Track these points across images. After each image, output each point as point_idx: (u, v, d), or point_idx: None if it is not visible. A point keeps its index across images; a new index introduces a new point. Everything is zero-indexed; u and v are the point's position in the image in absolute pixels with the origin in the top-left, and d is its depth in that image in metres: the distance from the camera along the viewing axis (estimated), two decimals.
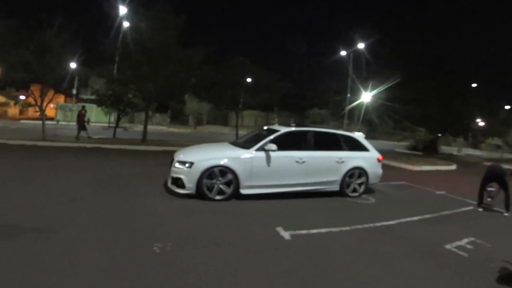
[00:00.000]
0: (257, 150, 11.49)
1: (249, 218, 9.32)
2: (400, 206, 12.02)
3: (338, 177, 12.79)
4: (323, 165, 12.44)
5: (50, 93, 32.94)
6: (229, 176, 10.97)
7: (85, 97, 61.81)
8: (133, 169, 15.90)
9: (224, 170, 10.93)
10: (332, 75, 44.87)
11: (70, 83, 40.48)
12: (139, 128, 37.10)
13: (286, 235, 7.89)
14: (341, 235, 8.32)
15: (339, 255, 7.12)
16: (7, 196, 9.53)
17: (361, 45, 47.53)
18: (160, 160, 19.38)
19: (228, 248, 7.09)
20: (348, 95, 51.11)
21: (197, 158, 11.04)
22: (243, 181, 11.10)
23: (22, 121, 51.91)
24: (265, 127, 14.36)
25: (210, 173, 10.82)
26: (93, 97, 42.60)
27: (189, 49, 26.92)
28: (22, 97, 56.82)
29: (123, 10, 39.38)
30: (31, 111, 64.92)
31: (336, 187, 12.87)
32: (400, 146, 41.76)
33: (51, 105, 37.23)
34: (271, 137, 11.98)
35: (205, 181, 10.75)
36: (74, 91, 49.55)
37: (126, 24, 36.36)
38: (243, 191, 11.18)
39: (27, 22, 27.71)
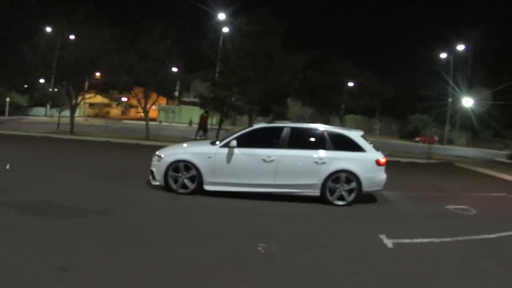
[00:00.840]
0: (222, 146, 10.91)
1: (355, 223, 9.19)
2: (501, 219, 10.90)
3: (317, 180, 10.75)
4: (296, 166, 10.92)
5: (153, 95, 33.96)
6: (193, 171, 10.75)
7: (187, 99, 63.59)
8: None
9: (188, 165, 10.78)
10: (435, 80, 42.89)
11: (172, 86, 41.78)
12: None
13: (389, 243, 7.61)
14: (443, 247, 7.81)
15: (441, 267, 6.70)
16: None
17: (461, 47, 45.39)
18: None
19: (332, 252, 7.07)
20: (450, 99, 49.00)
21: (166, 153, 11.28)
22: (206, 177, 10.74)
23: (124, 121, 54.04)
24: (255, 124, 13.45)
25: (175, 167, 10.83)
26: (195, 100, 43.63)
27: (292, 53, 26.72)
28: (124, 99, 59.38)
29: (222, 16, 39.98)
30: (132, 112, 67.89)
31: (316, 192, 10.86)
32: (501, 155, 39.12)
33: (154, 107, 38.46)
34: (239, 133, 11.31)
35: (171, 173, 10.81)
36: (176, 94, 51.16)
37: (226, 29, 36.86)
38: (206, 187, 10.76)
39: (129, 29, 28.79)
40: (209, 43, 33.04)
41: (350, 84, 29.84)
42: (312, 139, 11.39)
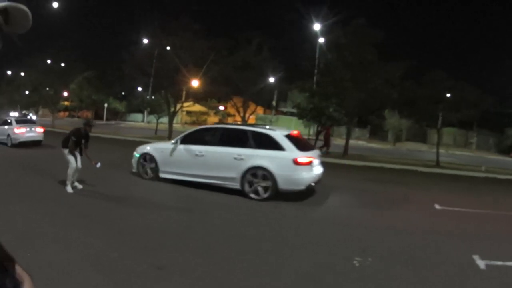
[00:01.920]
0: (173, 143, 13.37)
1: (449, 241, 8.90)
2: None
3: (236, 174, 11.91)
4: (220, 160, 12.33)
5: (252, 105, 35.08)
6: (153, 163, 13.55)
7: (284, 109, 64.41)
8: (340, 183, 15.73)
9: (150, 157, 13.69)
10: None
11: (269, 96, 42.79)
12: (338, 141, 37.15)
13: (481, 264, 7.35)
14: None
15: None
16: None
17: None
18: (365, 175, 19.23)
19: (423, 270, 7.01)
20: None
21: (140, 148, 14.29)
22: (161, 167, 13.37)
23: None
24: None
25: (143, 158, 13.85)
26: (292, 110, 44.21)
27: (390, 64, 26.68)
28: (221, 108, 61.27)
29: (318, 26, 40.57)
30: (230, 120, 69.77)
31: (236, 185, 11.98)
32: None
33: (252, 116, 39.57)
34: (186, 132, 13.85)
35: (141, 162, 13.84)
36: (274, 104, 52.08)
37: (321, 40, 37.39)
38: (161, 175, 13.32)
39: (228, 40, 29.98)
40: (306, 53, 33.62)
41: (448, 95, 29.27)
42: (237, 138, 12.59)
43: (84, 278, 5.58)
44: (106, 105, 59.01)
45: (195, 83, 31.70)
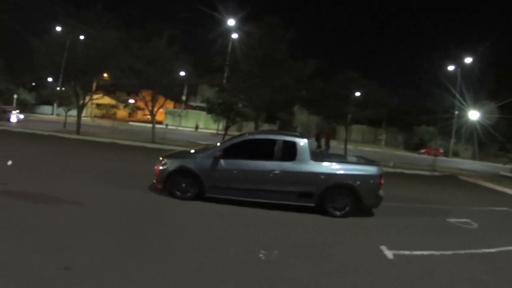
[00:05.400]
0: None
1: (356, 233, 9.30)
2: (502, 233, 10.85)
3: None
4: None
5: (161, 99, 34.14)
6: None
7: (194, 104, 63.98)
8: None
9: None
10: (441, 91, 42.59)
11: (179, 90, 41.98)
12: None
13: (389, 254, 7.69)
14: (443, 260, 7.87)
15: (438, 281, 6.84)
16: None
17: (468, 60, 45.35)
18: None
19: (332, 262, 7.19)
20: (456, 112, 48.81)
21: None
22: None
23: (130, 123, 54.18)
24: None
25: None
26: (202, 104, 43.77)
27: (299, 62, 26.81)
28: (131, 101, 59.69)
29: (231, 22, 40.22)
30: (139, 114, 68.22)
31: None
32: (506, 169, 38.83)
33: (161, 110, 38.70)
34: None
35: None
36: (183, 98, 51.48)
37: (234, 35, 37.03)
38: None
39: (138, 33, 29.02)
40: (217, 49, 33.22)
41: (357, 94, 29.87)
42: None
43: None
44: (15, 96, 55.71)
45: (105, 74, 30.55)
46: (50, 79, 49.68)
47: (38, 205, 8.78)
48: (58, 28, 33.93)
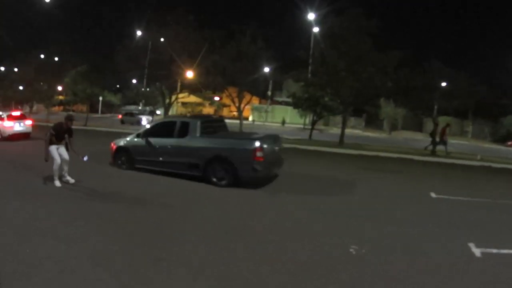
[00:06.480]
0: None
1: (444, 229, 8.90)
2: None
3: None
4: None
5: (247, 95, 35.04)
6: None
7: (279, 99, 64.45)
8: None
9: None
10: None
11: (265, 86, 42.78)
12: (334, 130, 37.14)
13: (477, 252, 7.39)
14: None
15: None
16: None
17: None
18: (360, 164, 19.32)
19: (422, 258, 7.03)
20: None
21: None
22: None
23: None
24: None
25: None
26: (287, 99, 44.20)
27: (385, 53, 26.58)
28: (217, 98, 61.11)
29: (313, 16, 40.44)
30: (225, 111, 69.64)
31: None
32: None
33: (247, 106, 39.50)
34: None
35: None
36: (269, 94, 52.24)
37: (316, 29, 37.20)
38: None
39: (222, 31, 29.88)
40: (302, 44, 33.57)
41: (443, 84, 29.27)
42: None
43: (85, 273, 5.63)
44: (100, 98, 58.79)
45: (189, 74, 31.62)
46: (134, 81, 51.97)
47: None
48: (139, 32, 35.67)
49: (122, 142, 14.17)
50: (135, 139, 13.80)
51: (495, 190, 14.39)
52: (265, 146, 11.92)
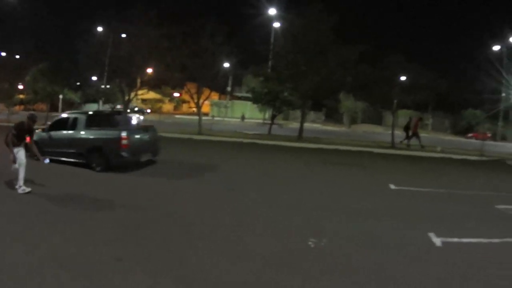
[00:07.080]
0: None
1: (403, 220, 8.92)
2: None
3: None
4: None
5: (206, 91, 34.60)
6: None
7: (239, 94, 64.22)
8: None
9: None
10: (488, 73, 41.11)
11: (224, 81, 42.37)
12: (294, 125, 37.17)
13: (437, 241, 7.43)
14: (491, 248, 7.53)
15: (487, 269, 6.46)
16: None
17: None
18: (321, 157, 19.27)
19: (381, 249, 7.05)
20: (503, 94, 47.27)
21: None
22: None
23: (176, 116, 54.95)
24: None
25: None
26: (247, 94, 43.91)
27: (344, 48, 26.55)
28: (176, 94, 60.52)
29: (273, 11, 40.24)
30: (184, 107, 69.10)
31: None
32: None
33: (206, 102, 39.09)
34: None
35: None
36: (228, 89, 51.98)
37: (277, 24, 36.99)
38: None
39: (181, 27, 29.36)
40: (261, 39, 33.30)
41: (403, 78, 29.36)
42: None
43: (51, 276, 5.45)
44: (61, 96, 57.34)
45: (149, 70, 31.02)
46: (94, 78, 50.94)
47: None
48: (100, 29, 34.78)
49: (35, 136, 14.25)
50: (42, 133, 14.89)
51: (456, 181, 14.79)
52: (134, 136, 13.74)
